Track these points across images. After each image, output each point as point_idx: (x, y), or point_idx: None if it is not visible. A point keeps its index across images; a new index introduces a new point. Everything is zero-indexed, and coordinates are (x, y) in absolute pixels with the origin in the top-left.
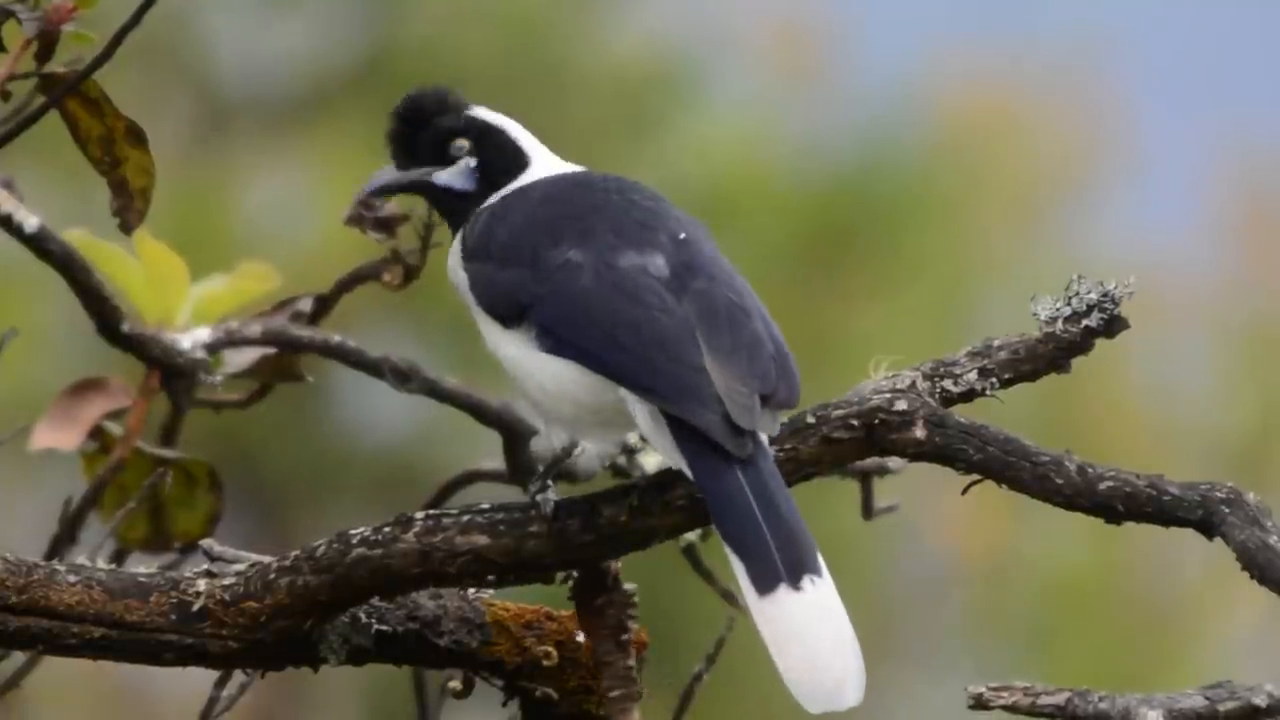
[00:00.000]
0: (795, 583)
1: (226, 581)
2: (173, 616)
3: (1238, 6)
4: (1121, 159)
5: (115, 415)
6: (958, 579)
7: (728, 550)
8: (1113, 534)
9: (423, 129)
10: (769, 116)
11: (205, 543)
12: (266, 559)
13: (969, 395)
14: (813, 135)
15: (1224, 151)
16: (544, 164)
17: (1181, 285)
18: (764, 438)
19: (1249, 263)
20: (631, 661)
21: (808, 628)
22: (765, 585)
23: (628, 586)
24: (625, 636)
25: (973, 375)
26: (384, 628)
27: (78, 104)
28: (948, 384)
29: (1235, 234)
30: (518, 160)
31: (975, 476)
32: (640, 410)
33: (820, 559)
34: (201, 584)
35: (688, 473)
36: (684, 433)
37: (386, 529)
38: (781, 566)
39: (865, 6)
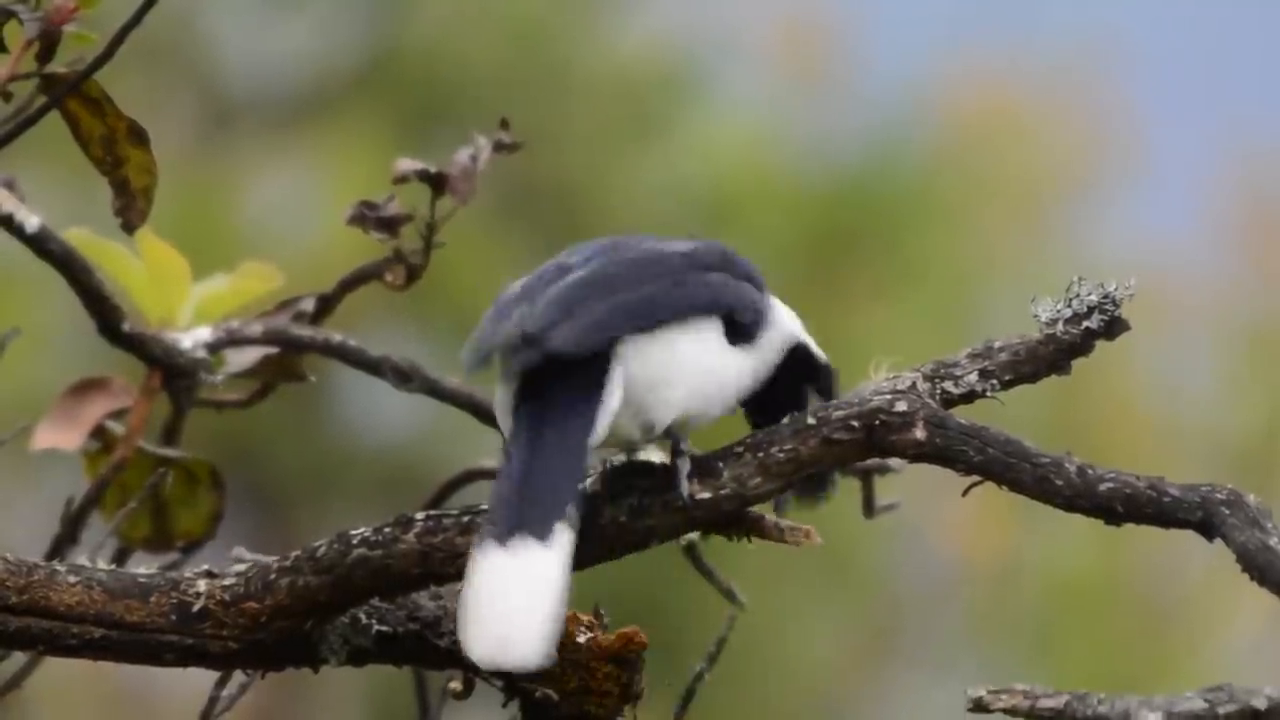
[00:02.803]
0: (505, 540)
1: (227, 582)
2: (173, 617)
3: (1241, 9)
4: (1126, 161)
5: (117, 415)
6: (961, 581)
7: None
8: (1116, 537)
9: None
10: (773, 118)
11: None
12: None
13: (969, 396)
14: (817, 137)
15: (1228, 154)
16: None
17: (1186, 287)
18: (607, 404)
19: (1253, 264)
20: None
21: (492, 584)
22: (484, 535)
23: None
24: None
25: (973, 376)
26: (384, 628)
27: (79, 104)
28: (948, 385)
29: (1239, 236)
30: None
31: (976, 478)
32: None
33: (560, 525)
34: (202, 584)
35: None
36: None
37: (387, 529)
38: (504, 521)
39: (870, 8)
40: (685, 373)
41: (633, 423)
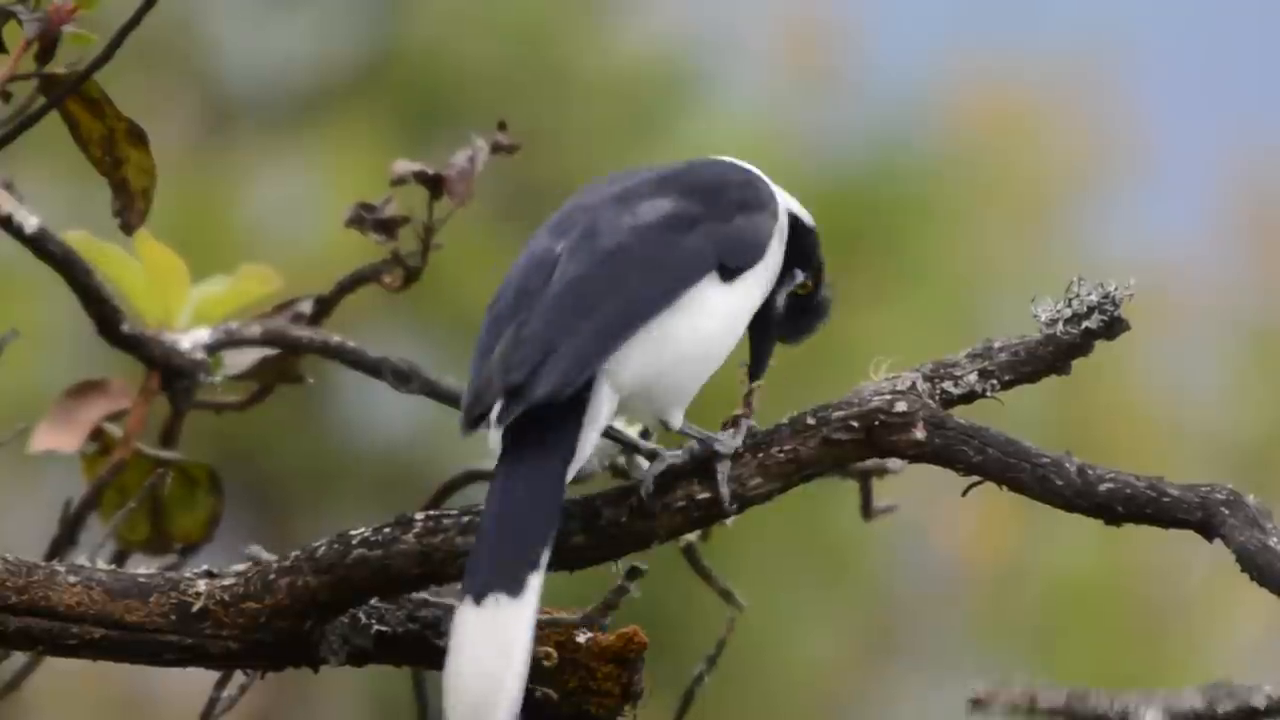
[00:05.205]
0: (479, 599)
1: (226, 582)
2: (173, 617)
3: (1245, 9)
4: (1131, 162)
5: (115, 417)
6: (961, 582)
7: None
8: (1118, 538)
9: None
10: (774, 118)
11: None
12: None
13: (969, 397)
14: (819, 137)
15: (1233, 154)
16: None
17: (1190, 287)
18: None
19: (1258, 265)
20: None
21: (473, 645)
22: (463, 590)
23: None
24: None
25: (973, 377)
26: (384, 629)
27: (79, 105)
28: (948, 385)
29: (1244, 237)
30: None
31: (976, 478)
32: None
33: (530, 578)
34: (201, 584)
35: None
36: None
37: (387, 529)
38: (478, 578)
39: (873, 8)
40: (686, 355)
41: (646, 412)
